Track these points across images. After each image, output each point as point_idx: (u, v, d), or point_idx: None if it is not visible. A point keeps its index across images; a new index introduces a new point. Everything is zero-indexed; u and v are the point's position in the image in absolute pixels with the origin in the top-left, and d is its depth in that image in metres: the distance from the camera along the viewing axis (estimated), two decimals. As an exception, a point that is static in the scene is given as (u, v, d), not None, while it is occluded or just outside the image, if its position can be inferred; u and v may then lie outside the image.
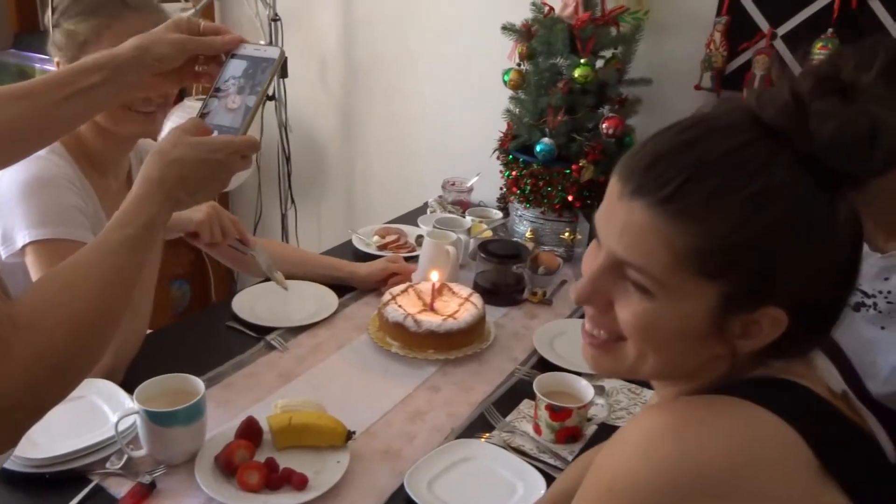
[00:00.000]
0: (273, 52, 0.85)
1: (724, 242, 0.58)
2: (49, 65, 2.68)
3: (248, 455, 1.02)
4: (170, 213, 0.79)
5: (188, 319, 1.50)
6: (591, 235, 1.64)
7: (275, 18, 2.33)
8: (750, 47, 1.78)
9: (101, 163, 1.35)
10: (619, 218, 0.62)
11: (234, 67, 0.85)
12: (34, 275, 1.19)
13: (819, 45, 1.64)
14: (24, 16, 2.98)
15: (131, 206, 0.76)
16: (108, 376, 1.17)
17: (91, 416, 1.09)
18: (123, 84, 0.83)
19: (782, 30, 1.74)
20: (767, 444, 0.59)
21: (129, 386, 1.13)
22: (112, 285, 0.73)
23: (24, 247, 1.18)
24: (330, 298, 1.54)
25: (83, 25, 1.22)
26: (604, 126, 1.72)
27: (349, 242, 1.87)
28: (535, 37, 1.78)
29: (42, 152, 1.23)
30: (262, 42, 2.35)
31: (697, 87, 1.84)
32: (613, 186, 0.64)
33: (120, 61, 0.82)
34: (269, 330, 1.41)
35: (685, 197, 0.58)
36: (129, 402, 1.10)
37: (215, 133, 0.82)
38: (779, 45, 1.75)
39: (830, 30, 1.64)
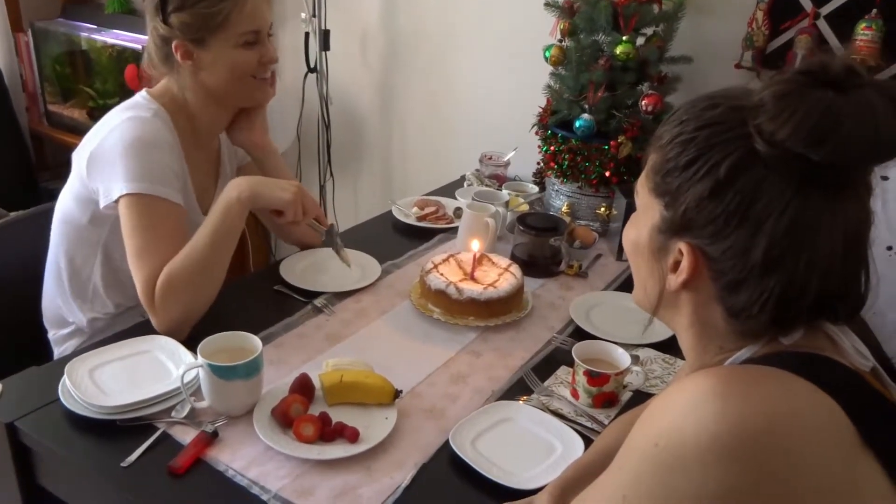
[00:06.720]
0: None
1: (666, 167, 0.71)
2: (96, 34, 2.77)
3: (302, 409, 1.08)
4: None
5: (238, 282, 1.56)
6: (627, 211, 1.68)
7: (318, -8, 2.36)
8: (792, 26, 1.78)
9: (200, 136, 1.43)
10: None
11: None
12: (123, 226, 1.26)
13: (863, 25, 1.64)
14: (72, -14, 3.05)
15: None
16: (177, 330, 1.25)
17: (156, 369, 1.17)
18: None
19: (826, 9, 1.74)
20: (806, 409, 0.62)
21: (186, 343, 1.21)
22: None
23: (118, 199, 1.25)
24: (373, 266, 1.59)
25: (217, 7, 1.29)
26: (643, 103, 1.74)
27: (388, 213, 1.92)
28: (577, 13, 1.80)
29: (148, 114, 1.31)
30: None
31: (738, 66, 1.85)
32: None
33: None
34: (316, 294, 1.47)
35: (663, 138, 0.73)
36: (189, 357, 1.17)
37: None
38: (822, 24, 1.75)
39: (875, 10, 1.64)
